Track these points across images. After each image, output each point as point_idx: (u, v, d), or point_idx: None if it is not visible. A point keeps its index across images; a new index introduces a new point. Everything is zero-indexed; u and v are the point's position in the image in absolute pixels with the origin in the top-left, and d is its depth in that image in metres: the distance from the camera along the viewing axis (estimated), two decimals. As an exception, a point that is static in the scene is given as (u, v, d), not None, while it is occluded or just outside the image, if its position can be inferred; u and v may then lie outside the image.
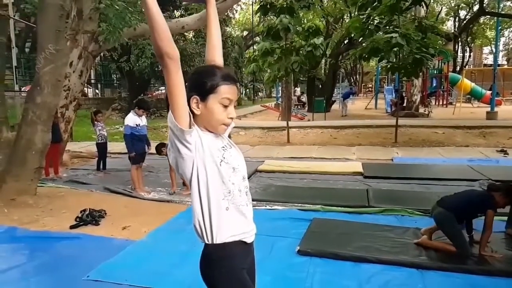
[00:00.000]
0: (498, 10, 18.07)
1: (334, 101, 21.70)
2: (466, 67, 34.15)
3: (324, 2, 18.96)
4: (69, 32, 5.92)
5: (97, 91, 25.77)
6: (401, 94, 17.13)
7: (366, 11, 10.02)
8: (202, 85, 1.45)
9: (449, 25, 36.54)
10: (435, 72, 21.47)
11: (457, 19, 34.18)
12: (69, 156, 8.25)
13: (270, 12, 10.61)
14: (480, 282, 2.94)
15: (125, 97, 19.62)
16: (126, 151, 5.91)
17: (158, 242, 3.77)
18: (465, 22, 25.28)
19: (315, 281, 2.96)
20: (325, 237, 3.73)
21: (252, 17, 29.55)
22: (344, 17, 22.56)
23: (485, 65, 38.72)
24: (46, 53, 4.87)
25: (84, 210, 4.52)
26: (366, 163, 7.43)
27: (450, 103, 21.44)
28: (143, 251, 3.56)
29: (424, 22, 9.82)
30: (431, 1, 27.32)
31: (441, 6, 32.20)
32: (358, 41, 13.63)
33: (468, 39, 34.99)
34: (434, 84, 22.46)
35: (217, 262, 1.47)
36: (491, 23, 30.40)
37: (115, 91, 25.04)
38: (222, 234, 1.45)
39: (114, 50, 13.75)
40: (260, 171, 7.06)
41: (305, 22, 12.68)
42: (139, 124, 5.70)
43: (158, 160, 6.98)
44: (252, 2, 28.30)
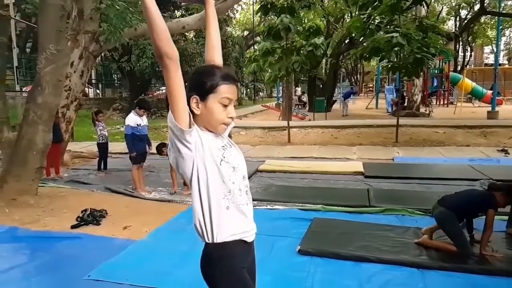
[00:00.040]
0: (499, 10, 18.03)
1: (335, 101, 21.68)
2: (467, 67, 34.06)
3: (325, 2, 18.95)
4: (70, 32, 5.92)
5: (98, 91, 25.80)
6: (402, 94, 17.10)
7: (367, 11, 10.00)
8: (202, 85, 1.45)
9: (450, 25, 36.52)
10: (436, 72, 21.42)
11: (458, 19, 34.13)
12: (70, 156, 8.26)
13: (271, 12, 10.62)
14: (481, 282, 2.94)
15: (126, 97, 19.66)
16: (127, 151, 5.93)
17: (159, 242, 3.78)
18: (466, 22, 25.19)
19: (316, 281, 2.96)
20: (326, 237, 3.73)
21: (253, 17, 29.53)
22: (345, 17, 22.56)
23: (486, 65, 38.76)
24: (47, 53, 4.88)
25: (85, 210, 4.53)
26: (367, 163, 7.43)
27: (451, 103, 21.41)
28: (144, 251, 3.56)
29: (425, 22, 9.80)
30: (432, 1, 27.28)
31: (442, 6, 32.16)
32: (359, 41, 13.61)
33: (469, 39, 34.95)
34: (435, 84, 22.42)
35: (218, 261, 1.48)
36: (492, 23, 30.34)
37: (116, 91, 25.08)
38: (223, 233, 1.45)
39: (115, 50, 13.79)
40: (261, 171, 7.06)
41: (306, 22, 12.64)
42: (140, 124, 5.72)
43: (159, 160, 6.99)
44: (253, 2, 28.30)
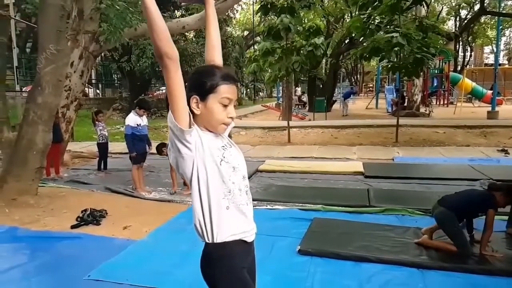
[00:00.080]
0: (499, 10, 18.03)
1: (335, 101, 21.68)
2: (467, 67, 34.07)
3: (325, 2, 18.94)
4: (70, 32, 5.92)
5: (98, 91, 25.81)
6: (402, 94, 17.10)
7: (367, 11, 10.00)
8: (202, 85, 1.45)
9: (450, 25, 36.52)
10: (436, 72, 21.42)
11: (458, 19, 34.13)
12: (70, 156, 8.26)
13: (271, 12, 10.61)
14: (481, 282, 2.94)
15: (126, 97, 19.66)
16: (127, 151, 5.93)
17: (159, 242, 3.78)
18: (466, 22, 25.19)
19: (316, 281, 2.96)
20: (326, 237, 3.73)
21: (253, 17, 29.53)
22: (345, 17, 22.56)
23: (486, 65, 38.76)
24: (47, 53, 4.88)
25: (85, 210, 4.53)
26: (367, 163, 7.43)
27: (451, 103, 21.41)
28: (144, 251, 3.56)
29: (425, 22, 9.80)
30: (432, 1, 27.28)
31: (442, 6, 32.16)
32: (359, 41, 13.61)
33: (469, 39, 34.95)
34: (435, 84, 22.42)
35: (218, 261, 1.48)
36: (492, 23, 30.34)
37: (116, 91, 25.08)
38: (223, 233, 1.45)
39: (115, 50, 13.79)
40: (261, 171, 7.06)
41: (306, 22, 12.64)
42: (140, 124, 5.72)
43: (159, 160, 6.99)
44: (253, 2, 28.30)
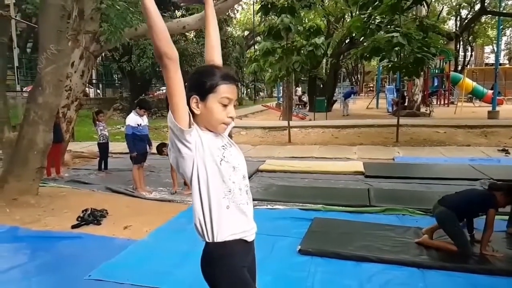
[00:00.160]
0: (500, 9, 18.03)
1: (335, 101, 21.68)
2: (468, 67, 34.04)
3: (325, 2, 18.93)
4: (71, 33, 5.93)
5: (99, 91, 25.80)
6: (403, 94, 17.08)
7: (367, 11, 10.00)
8: (202, 85, 1.46)
9: (451, 24, 36.49)
10: (437, 72, 21.40)
11: (459, 18, 34.13)
12: (71, 156, 8.26)
13: (271, 12, 10.60)
14: (481, 281, 2.94)
15: (127, 97, 19.67)
16: (128, 151, 5.93)
17: (160, 242, 3.78)
18: (467, 21, 25.16)
19: (316, 281, 2.96)
20: (326, 237, 3.73)
21: (253, 17, 29.48)
22: (345, 17, 22.56)
23: (487, 64, 38.72)
24: (48, 54, 4.89)
25: (86, 210, 4.53)
26: (367, 163, 7.42)
27: (452, 103, 21.40)
28: (145, 251, 3.57)
29: (425, 22, 9.79)
30: (432, 1, 27.27)
31: (443, 6, 32.14)
32: (359, 41, 13.62)
33: (470, 38, 34.95)
34: (436, 84, 22.40)
35: (218, 260, 1.48)
36: (493, 22, 30.29)
37: (117, 91, 25.09)
38: (223, 233, 1.46)
39: (116, 50, 13.81)
40: (261, 171, 7.06)
41: (306, 22, 12.63)
42: (141, 124, 5.72)
43: (159, 160, 6.99)
44: (253, 2, 28.27)
